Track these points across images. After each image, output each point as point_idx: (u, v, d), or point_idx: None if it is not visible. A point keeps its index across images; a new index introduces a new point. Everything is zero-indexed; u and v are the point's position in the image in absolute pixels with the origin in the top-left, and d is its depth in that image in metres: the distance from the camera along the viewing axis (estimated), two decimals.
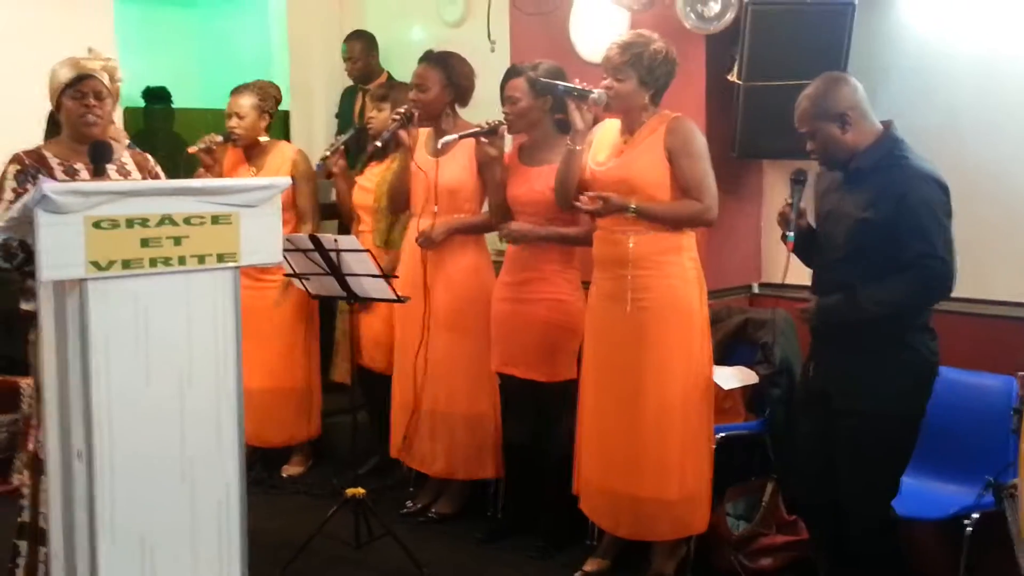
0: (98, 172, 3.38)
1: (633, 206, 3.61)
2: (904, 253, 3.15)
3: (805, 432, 3.52)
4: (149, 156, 3.68)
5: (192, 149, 4.77)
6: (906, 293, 3.18)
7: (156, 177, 3.63)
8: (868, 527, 3.32)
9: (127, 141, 3.89)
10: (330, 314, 5.22)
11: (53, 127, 3.73)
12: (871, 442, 3.27)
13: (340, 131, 6.31)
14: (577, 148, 3.75)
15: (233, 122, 4.84)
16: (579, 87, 3.68)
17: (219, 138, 4.80)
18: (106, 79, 3.45)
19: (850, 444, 3.31)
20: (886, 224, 3.17)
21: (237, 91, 4.90)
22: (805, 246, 3.40)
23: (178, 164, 5.40)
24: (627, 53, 3.63)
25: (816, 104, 3.27)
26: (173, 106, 7.62)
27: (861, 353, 3.28)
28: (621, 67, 3.63)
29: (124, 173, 3.52)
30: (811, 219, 3.45)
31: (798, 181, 3.37)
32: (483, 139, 4.08)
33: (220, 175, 4.83)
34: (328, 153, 4.80)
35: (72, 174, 3.43)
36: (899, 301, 3.20)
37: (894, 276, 3.17)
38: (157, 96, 7.60)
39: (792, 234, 3.29)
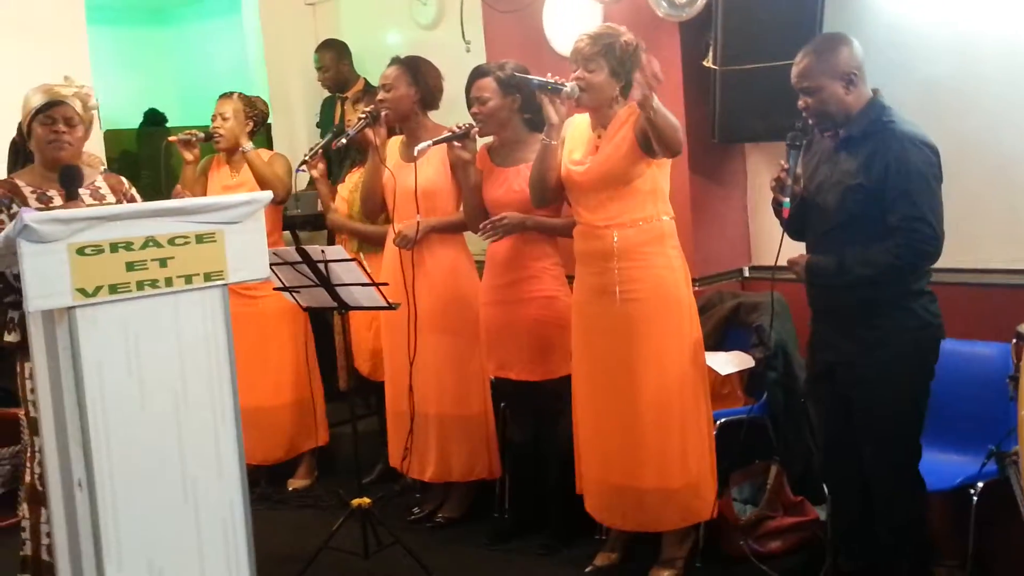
0: (71, 196, 3.38)
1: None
2: (891, 218, 3.15)
3: (818, 410, 3.51)
4: (124, 179, 3.68)
5: (172, 138, 4.81)
6: (892, 255, 3.17)
7: (132, 200, 3.62)
8: (896, 493, 3.32)
9: (103, 167, 3.89)
10: (327, 324, 5.22)
11: (14, 156, 3.72)
12: (885, 408, 3.27)
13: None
14: (552, 143, 3.74)
15: (217, 123, 4.89)
16: (552, 81, 3.67)
17: (201, 135, 4.86)
18: (78, 106, 3.44)
19: (864, 415, 3.32)
20: (876, 189, 3.17)
21: (224, 96, 4.96)
22: (796, 222, 3.40)
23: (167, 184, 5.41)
24: (598, 44, 3.62)
25: (823, 60, 3.24)
26: (161, 128, 7.62)
27: (858, 323, 3.28)
28: (592, 57, 3.62)
29: (99, 197, 3.52)
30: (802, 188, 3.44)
31: (795, 146, 3.33)
32: (456, 143, 4.07)
33: (195, 174, 4.88)
34: (307, 157, 4.80)
35: (46, 201, 3.43)
36: (885, 263, 3.19)
37: (883, 240, 3.17)
38: (153, 119, 7.61)
39: (788, 200, 3.28)
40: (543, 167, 3.78)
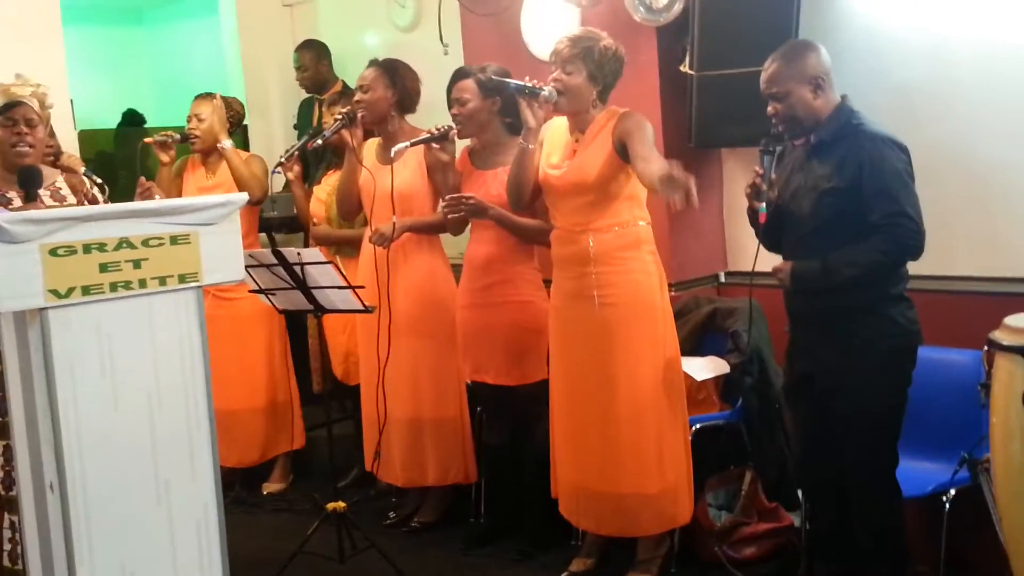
0: (30, 198, 3.36)
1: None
2: (872, 216, 3.16)
3: (795, 416, 3.52)
4: (86, 179, 3.64)
5: (148, 140, 4.79)
6: (879, 251, 3.18)
7: (92, 199, 3.59)
8: (875, 499, 3.33)
9: (83, 168, 3.85)
10: (302, 326, 5.20)
11: None
12: (863, 415, 3.28)
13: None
14: (530, 146, 3.74)
15: (192, 124, 4.87)
16: (530, 84, 3.67)
17: (177, 136, 4.84)
18: (36, 105, 3.41)
19: (843, 422, 3.32)
20: (852, 190, 3.19)
21: (199, 97, 4.94)
22: (771, 233, 3.41)
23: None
24: (577, 47, 3.63)
25: (791, 66, 3.27)
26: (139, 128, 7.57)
27: (837, 330, 3.29)
28: (571, 59, 3.63)
29: (59, 198, 3.49)
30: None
31: (768, 152, 3.35)
32: (434, 145, 4.06)
33: (171, 175, 4.86)
34: (283, 159, 4.78)
35: (5, 203, 3.40)
36: (872, 261, 3.20)
37: (865, 240, 3.18)
38: (131, 119, 7.56)
39: (764, 205, 3.29)
40: (520, 170, 3.78)
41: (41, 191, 3.43)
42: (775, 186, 3.39)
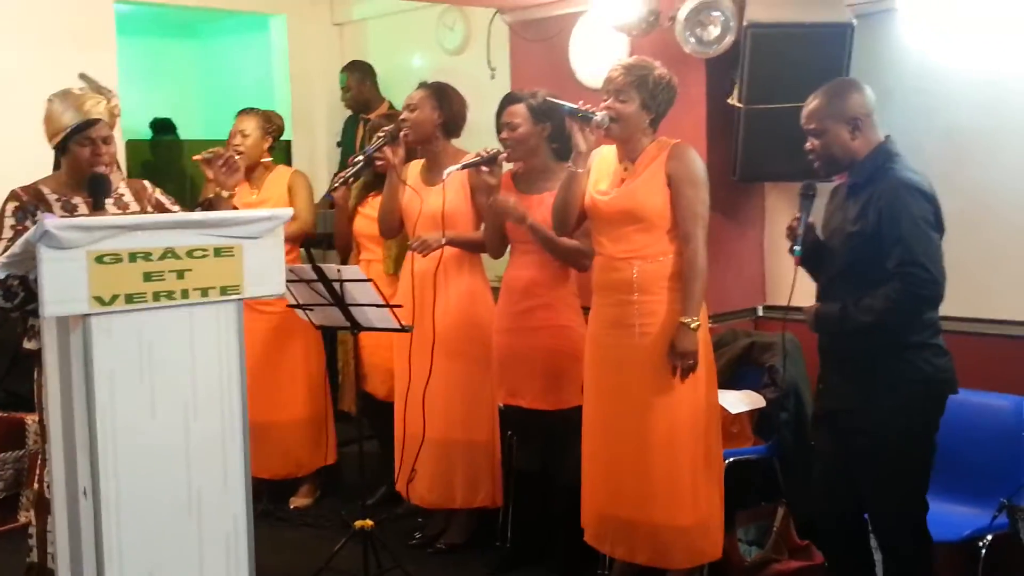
0: (97, 206, 3.38)
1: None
2: (888, 263, 3.14)
3: (819, 452, 3.48)
4: (147, 183, 3.67)
5: (197, 157, 4.80)
6: (890, 300, 3.15)
7: (157, 203, 3.61)
8: (897, 546, 3.29)
9: (124, 174, 3.89)
10: (333, 343, 5.21)
11: None
12: (883, 459, 3.24)
13: (342, 160, 6.34)
14: (579, 171, 3.74)
15: (237, 140, 4.87)
16: (583, 108, 3.68)
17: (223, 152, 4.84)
18: (108, 118, 3.43)
19: (864, 462, 3.28)
20: (873, 235, 3.17)
21: (242, 113, 4.96)
22: (815, 261, 3.39)
23: (185, 197, 5.42)
24: (632, 75, 3.63)
25: (831, 104, 3.25)
26: (180, 138, 7.65)
27: (860, 371, 3.26)
28: (625, 88, 3.63)
29: (122, 206, 3.51)
30: (820, 233, 3.44)
31: (807, 196, 3.35)
32: (483, 168, 4.08)
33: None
34: (338, 184, 4.76)
35: (71, 209, 3.42)
36: (885, 309, 3.16)
37: (882, 286, 3.16)
38: (163, 127, 7.63)
39: (799, 248, 3.28)
40: (568, 195, 3.78)
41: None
42: (814, 227, 3.37)
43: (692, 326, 3.55)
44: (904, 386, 3.22)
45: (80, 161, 3.40)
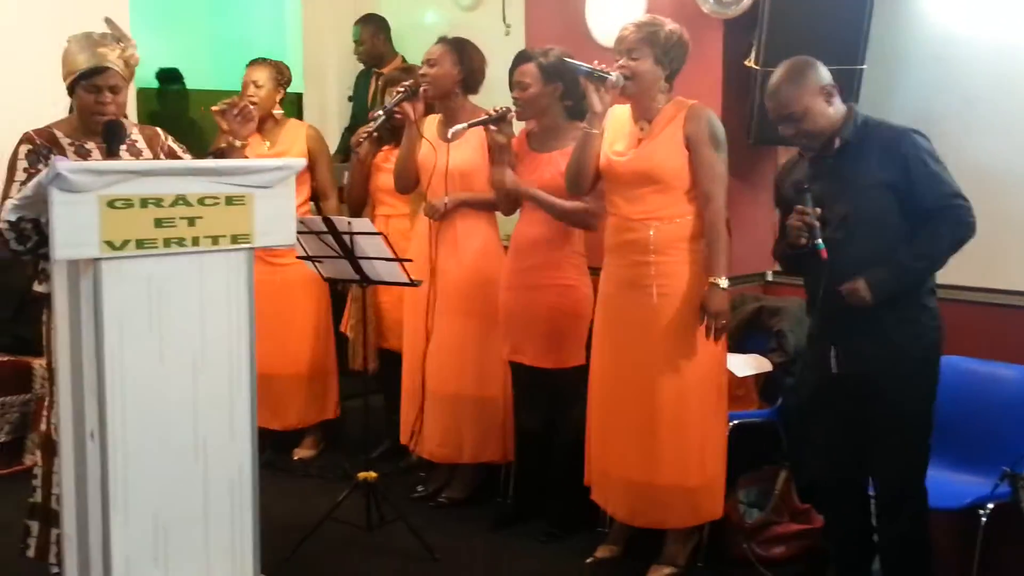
0: (111, 152, 3.35)
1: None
2: (924, 203, 3.14)
3: (829, 415, 3.46)
4: (159, 130, 3.65)
5: (214, 108, 4.78)
6: (944, 237, 3.16)
7: (170, 150, 3.59)
8: (902, 502, 3.29)
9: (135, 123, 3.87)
10: (338, 302, 5.18)
11: None
12: (898, 424, 3.24)
13: (353, 114, 6.31)
14: (594, 131, 3.72)
15: (251, 91, 4.83)
16: (598, 69, 3.65)
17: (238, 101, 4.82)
18: (121, 67, 3.39)
19: (889, 418, 3.25)
20: (895, 183, 3.17)
21: (254, 63, 4.92)
22: (794, 257, 3.36)
23: (192, 146, 5.41)
24: (642, 31, 3.61)
25: (802, 83, 3.24)
26: (187, 87, 7.60)
27: (885, 325, 3.23)
28: (637, 45, 3.61)
29: (135, 152, 3.49)
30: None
31: (804, 190, 3.30)
32: (492, 127, 4.06)
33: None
34: (362, 139, 4.72)
35: (84, 154, 3.40)
36: (940, 248, 3.17)
37: (924, 229, 3.15)
38: (170, 77, 7.59)
39: (821, 241, 3.23)
40: (583, 155, 3.76)
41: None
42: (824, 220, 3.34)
43: (722, 285, 3.55)
44: (926, 332, 3.24)
45: (84, 106, 3.37)
